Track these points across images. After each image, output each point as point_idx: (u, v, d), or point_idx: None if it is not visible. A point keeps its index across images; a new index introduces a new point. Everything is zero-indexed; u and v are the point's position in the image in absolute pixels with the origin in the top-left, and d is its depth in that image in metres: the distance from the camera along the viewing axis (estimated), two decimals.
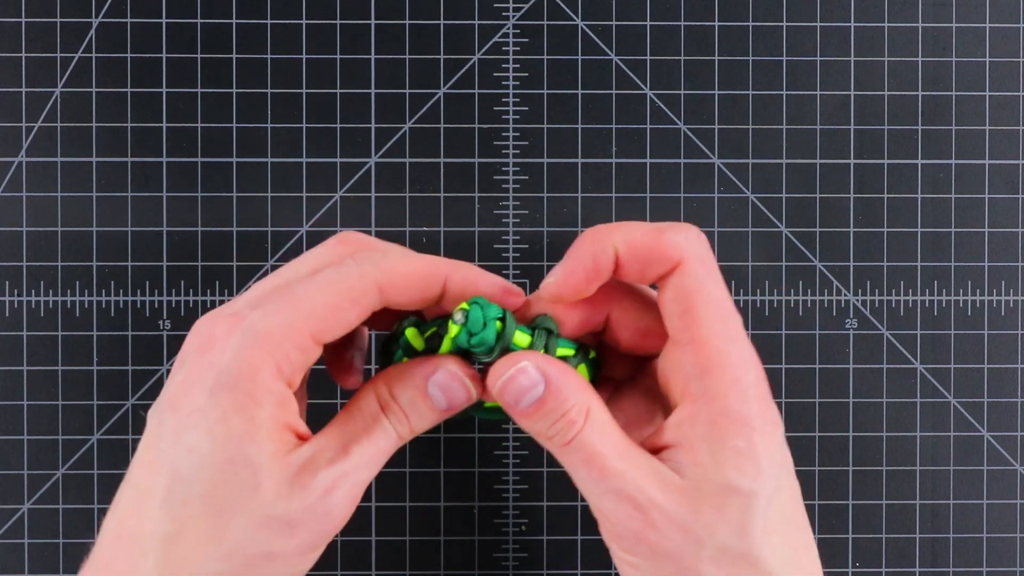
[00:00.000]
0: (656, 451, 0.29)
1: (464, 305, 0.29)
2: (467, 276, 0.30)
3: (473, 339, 0.29)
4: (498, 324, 0.29)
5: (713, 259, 0.29)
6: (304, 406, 0.31)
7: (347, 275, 0.28)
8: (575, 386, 0.29)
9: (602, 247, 0.29)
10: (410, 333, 0.30)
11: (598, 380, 0.32)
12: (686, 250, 0.29)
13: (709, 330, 0.28)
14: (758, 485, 0.27)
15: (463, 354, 0.30)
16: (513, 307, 0.30)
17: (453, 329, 0.29)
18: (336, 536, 0.38)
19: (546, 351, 0.30)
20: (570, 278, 0.29)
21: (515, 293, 0.30)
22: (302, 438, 0.28)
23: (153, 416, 0.28)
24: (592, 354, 0.32)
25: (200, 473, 0.27)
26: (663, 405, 0.31)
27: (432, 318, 0.31)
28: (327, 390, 0.37)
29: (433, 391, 0.29)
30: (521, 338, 0.30)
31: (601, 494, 0.28)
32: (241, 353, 0.27)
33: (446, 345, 0.30)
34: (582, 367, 0.31)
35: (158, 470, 0.27)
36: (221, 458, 0.26)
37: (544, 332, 0.30)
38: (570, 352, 0.31)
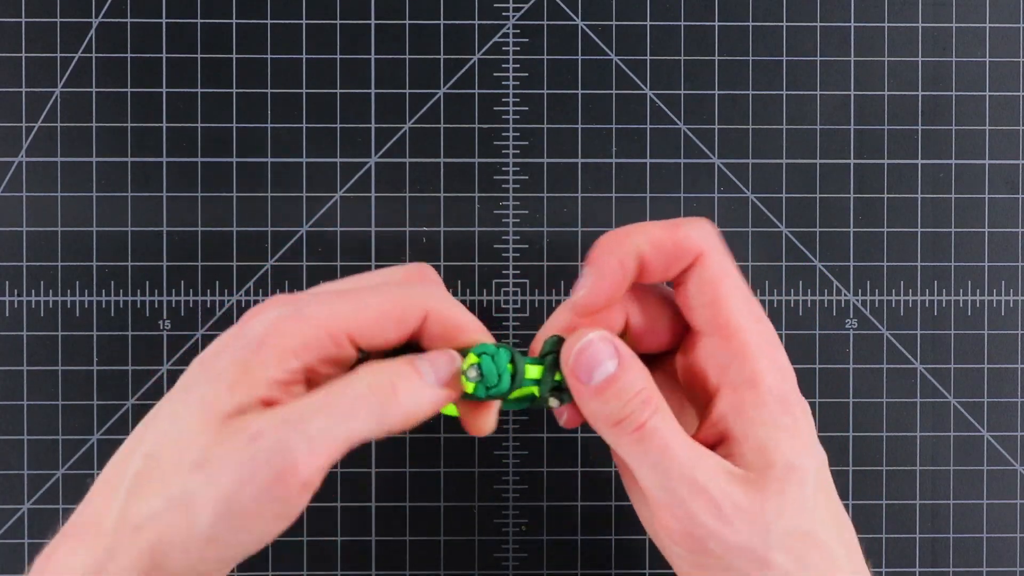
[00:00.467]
0: (708, 447, 0.29)
1: (473, 359, 0.29)
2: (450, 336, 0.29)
3: (491, 391, 0.29)
4: (509, 367, 0.29)
5: (727, 249, 0.30)
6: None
7: (403, 294, 0.28)
8: (643, 368, 0.29)
9: (626, 251, 0.29)
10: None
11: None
12: (706, 242, 0.29)
13: (740, 316, 0.29)
14: (808, 460, 0.28)
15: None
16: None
17: (468, 386, 0.29)
18: (336, 536, 0.38)
19: (561, 374, 0.29)
20: (599, 288, 0.29)
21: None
22: None
23: (183, 374, 0.28)
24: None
25: (182, 415, 0.27)
26: (689, 396, 0.31)
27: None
28: None
29: (421, 363, 0.28)
30: (532, 370, 0.29)
31: (675, 486, 0.27)
32: (273, 323, 0.27)
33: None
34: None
35: (156, 416, 0.28)
36: (201, 400, 0.27)
37: (553, 358, 0.29)
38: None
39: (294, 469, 0.26)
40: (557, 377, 0.29)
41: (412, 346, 0.29)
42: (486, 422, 0.30)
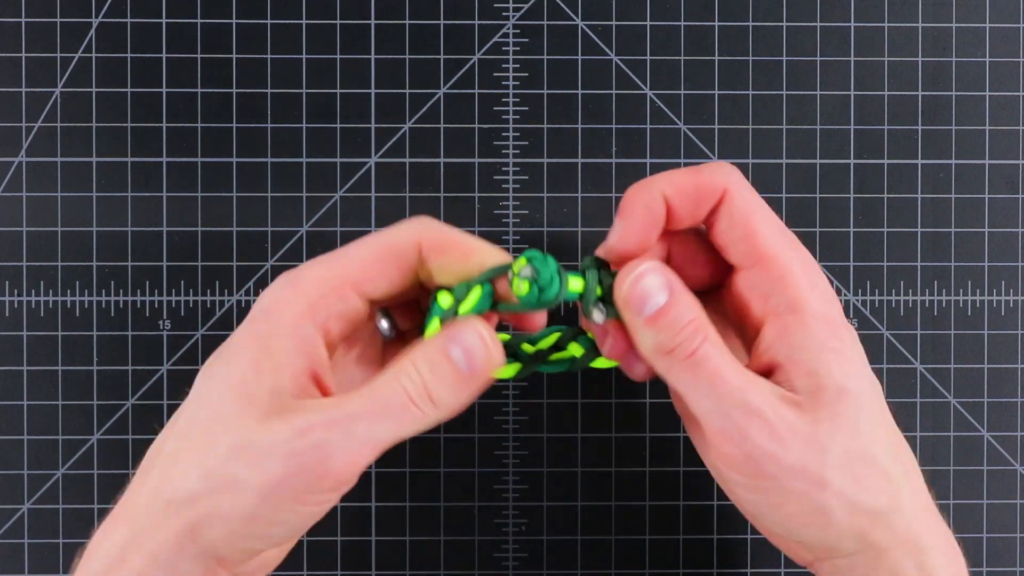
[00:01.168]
0: (760, 374, 0.29)
1: (523, 260, 0.29)
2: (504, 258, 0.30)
3: (543, 295, 0.29)
4: (556, 274, 0.30)
5: (752, 187, 0.30)
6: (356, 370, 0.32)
7: (391, 232, 0.30)
8: (694, 299, 0.29)
9: (652, 196, 0.30)
10: (442, 296, 0.30)
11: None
12: (730, 178, 0.29)
13: (776, 244, 0.29)
14: (860, 383, 0.28)
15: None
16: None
17: (523, 286, 0.29)
18: (336, 536, 0.38)
19: (601, 287, 0.30)
20: (629, 234, 0.30)
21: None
22: (325, 393, 0.29)
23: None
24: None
25: (211, 397, 0.28)
26: (737, 333, 0.32)
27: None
28: None
29: (454, 352, 0.28)
30: (574, 283, 0.30)
31: (728, 410, 0.28)
32: (276, 293, 0.28)
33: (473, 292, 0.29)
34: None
35: (187, 402, 0.29)
36: (228, 384, 0.28)
37: (594, 271, 0.30)
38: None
39: (337, 468, 0.27)
40: (598, 292, 0.30)
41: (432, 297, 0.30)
42: (536, 320, 0.31)
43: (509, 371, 0.32)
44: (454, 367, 0.28)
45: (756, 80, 0.39)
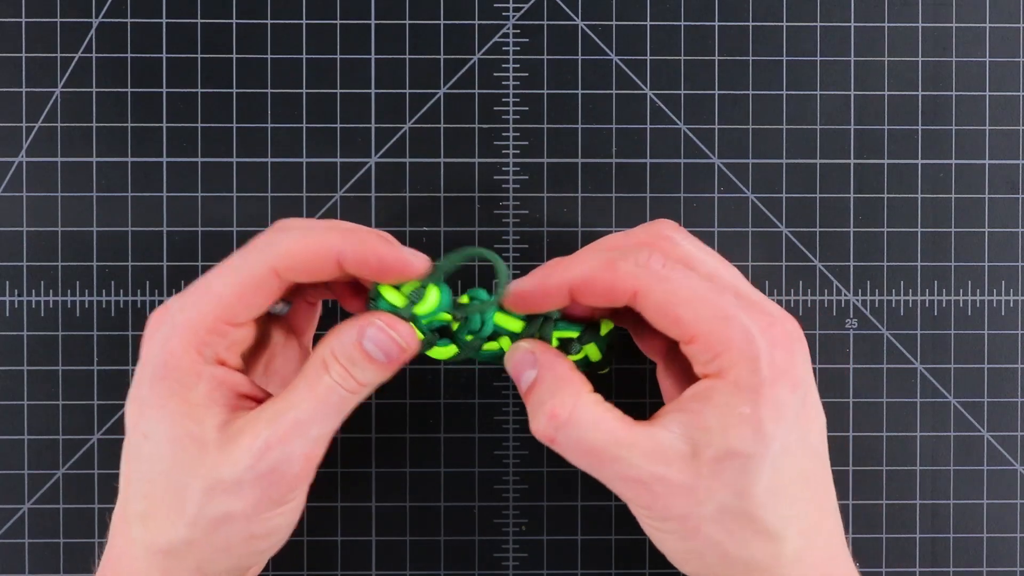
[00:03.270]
0: (678, 411, 0.30)
1: (464, 299, 0.32)
2: (362, 252, 0.30)
3: (471, 337, 0.32)
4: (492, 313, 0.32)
5: (679, 250, 0.31)
6: (299, 362, 0.35)
7: (244, 263, 0.31)
8: (563, 380, 0.31)
9: (555, 282, 0.31)
10: (386, 291, 0.31)
11: (612, 356, 0.34)
12: (640, 278, 0.30)
13: (698, 326, 0.29)
14: (759, 448, 0.28)
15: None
16: (414, 276, 0.31)
17: (454, 325, 0.32)
18: (336, 536, 0.38)
19: (540, 336, 0.32)
20: (521, 300, 0.32)
21: (413, 266, 0.31)
22: (260, 402, 0.31)
23: (125, 410, 0.31)
24: (606, 329, 0.32)
25: (157, 455, 0.30)
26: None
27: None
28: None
29: (368, 345, 0.30)
30: (515, 324, 0.32)
31: (608, 480, 0.30)
32: (165, 345, 0.30)
33: (431, 302, 0.31)
34: (591, 347, 0.32)
35: (129, 458, 0.31)
36: (169, 438, 0.29)
37: (540, 318, 0.32)
38: (573, 334, 0.32)
39: (301, 469, 0.30)
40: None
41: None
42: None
43: (445, 353, 0.33)
44: (371, 358, 0.30)
45: (756, 80, 0.39)
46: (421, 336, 0.32)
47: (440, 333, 0.32)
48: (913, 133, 0.39)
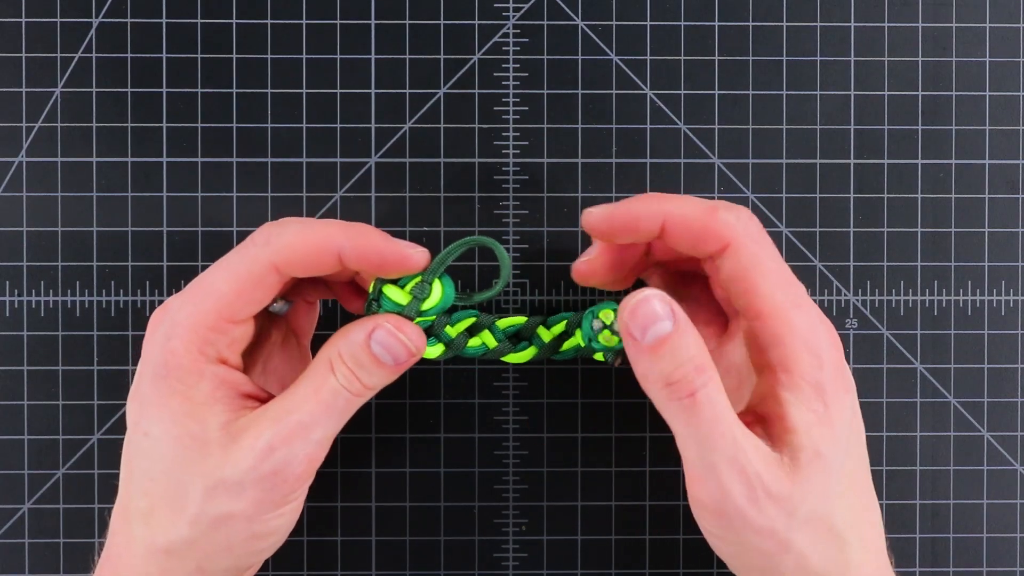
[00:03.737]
0: (748, 426, 0.29)
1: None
2: (362, 245, 0.30)
3: (456, 334, 0.33)
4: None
5: (766, 236, 0.30)
6: (298, 362, 0.35)
7: (243, 259, 0.30)
8: (700, 337, 0.29)
9: (654, 210, 0.30)
10: (389, 290, 0.31)
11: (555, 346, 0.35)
12: (737, 230, 0.29)
13: (773, 302, 0.29)
14: (835, 448, 0.28)
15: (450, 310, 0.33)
16: (414, 269, 0.31)
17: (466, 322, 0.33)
18: (336, 536, 0.38)
19: (536, 331, 0.33)
20: (608, 222, 0.30)
21: (412, 258, 0.31)
22: (262, 401, 0.31)
23: (126, 407, 0.31)
24: (608, 316, 0.33)
25: (158, 453, 0.29)
26: (749, 374, 0.32)
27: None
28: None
29: (376, 348, 0.30)
30: (516, 320, 0.34)
31: (717, 460, 0.28)
32: (166, 345, 0.30)
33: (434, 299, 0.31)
34: (605, 333, 0.32)
35: (131, 457, 0.30)
36: (171, 437, 0.29)
37: (540, 318, 0.33)
38: (559, 330, 0.34)
39: (303, 471, 0.30)
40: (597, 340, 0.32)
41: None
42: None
43: (433, 352, 0.33)
44: (378, 360, 0.30)
45: (756, 80, 0.39)
46: (437, 347, 0.32)
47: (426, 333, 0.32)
48: (913, 133, 0.39)
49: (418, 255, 0.31)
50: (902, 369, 0.39)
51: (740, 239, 0.29)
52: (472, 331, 0.34)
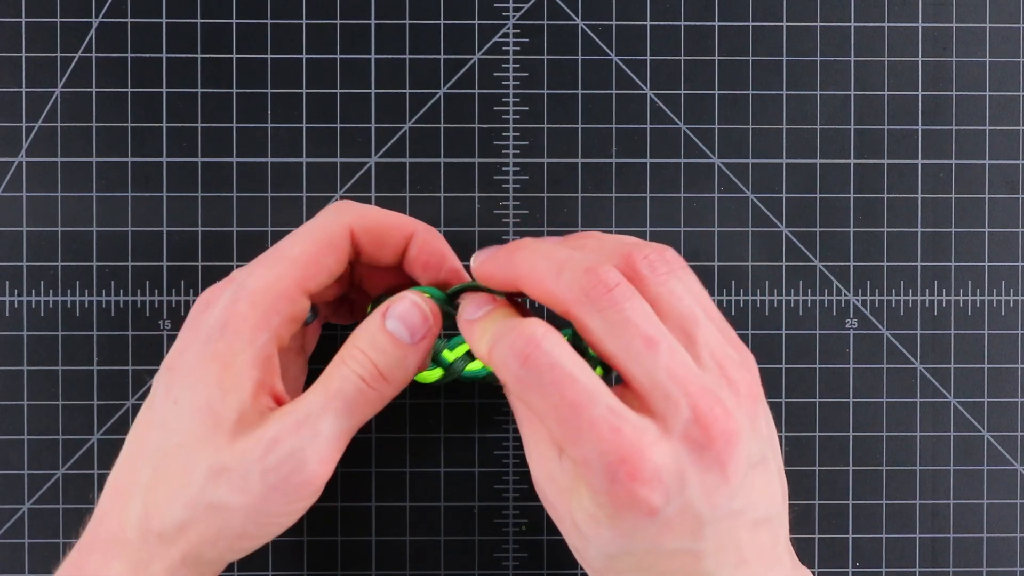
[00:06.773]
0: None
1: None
2: (432, 241, 0.32)
3: (453, 358, 0.34)
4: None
5: (659, 276, 0.28)
6: (299, 376, 0.35)
7: (321, 223, 0.31)
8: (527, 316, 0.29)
9: (502, 275, 0.29)
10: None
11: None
12: (578, 302, 0.27)
13: (630, 378, 0.27)
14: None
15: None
16: (454, 283, 0.32)
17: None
18: (336, 536, 0.38)
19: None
20: (479, 276, 0.30)
21: (460, 275, 0.32)
22: (279, 401, 0.30)
23: (156, 380, 0.30)
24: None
25: (178, 424, 0.28)
26: None
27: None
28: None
29: (391, 324, 0.29)
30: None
31: (574, 440, 0.27)
32: (228, 307, 0.29)
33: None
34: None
35: (150, 425, 0.29)
36: (194, 408, 0.28)
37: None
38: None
39: (313, 471, 0.28)
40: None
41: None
42: None
43: (431, 376, 0.33)
44: (395, 339, 0.29)
45: (756, 80, 0.39)
46: (435, 371, 0.33)
47: None
48: (913, 133, 0.39)
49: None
50: (902, 369, 0.39)
51: (580, 312, 0.27)
52: (471, 354, 0.34)
